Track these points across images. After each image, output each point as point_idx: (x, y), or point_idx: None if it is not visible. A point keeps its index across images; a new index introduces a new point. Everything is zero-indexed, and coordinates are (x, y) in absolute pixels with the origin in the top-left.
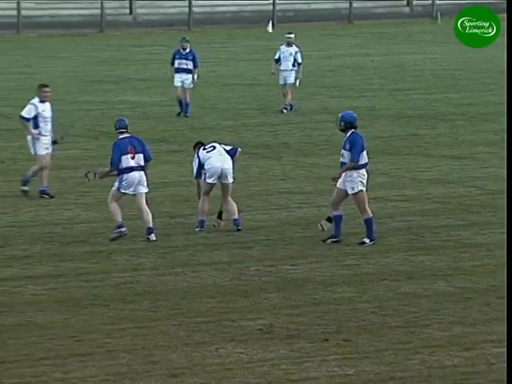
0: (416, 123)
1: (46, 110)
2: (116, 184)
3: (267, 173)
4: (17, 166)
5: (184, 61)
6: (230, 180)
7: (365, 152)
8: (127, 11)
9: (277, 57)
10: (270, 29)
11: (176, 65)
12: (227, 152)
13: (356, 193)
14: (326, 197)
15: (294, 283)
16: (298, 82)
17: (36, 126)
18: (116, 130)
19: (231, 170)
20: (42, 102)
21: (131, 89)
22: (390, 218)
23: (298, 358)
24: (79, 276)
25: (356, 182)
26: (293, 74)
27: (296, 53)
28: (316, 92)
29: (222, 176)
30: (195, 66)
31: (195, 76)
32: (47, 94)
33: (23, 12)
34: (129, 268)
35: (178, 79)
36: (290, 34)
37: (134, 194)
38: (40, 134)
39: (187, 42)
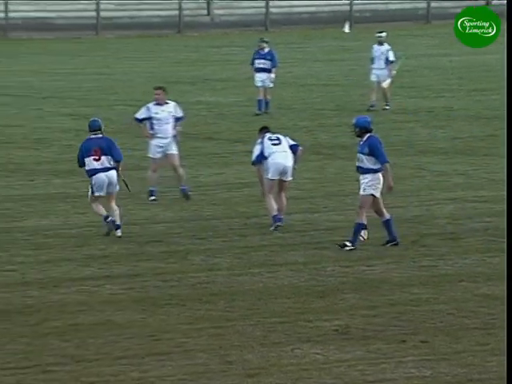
0: (494, 124)
1: (160, 112)
2: (90, 189)
3: (343, 174)
4: None
5: (262, 60)
6: (290, 178)
7: None
8: (205, 12)
9: (372, 56)
10: (346, 29)
11: (256, 65)
12: (290, 147)
13: (364, 195)
14: (401, 198)
15: (370, 284)
16: (388, 80)
17: (151, 128)
18: (90, 131)
19: (291, 168)
20: (157, 104)
21: (208, 89)
22: (467, 219)
23: (375, 359)
24: (156, 276)
25: (369, 184)
26: (385, 73)
27: (387, 51)
28: (393, 92)
29: (282, 173)
30: (273, 66)
31: (272, 75)
32: (157, 97)
33: (102, 13)
34: (205, 268)
35: (259, 79)
36: (381, 32)
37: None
38: (154, 136)
39: (263, 42)
